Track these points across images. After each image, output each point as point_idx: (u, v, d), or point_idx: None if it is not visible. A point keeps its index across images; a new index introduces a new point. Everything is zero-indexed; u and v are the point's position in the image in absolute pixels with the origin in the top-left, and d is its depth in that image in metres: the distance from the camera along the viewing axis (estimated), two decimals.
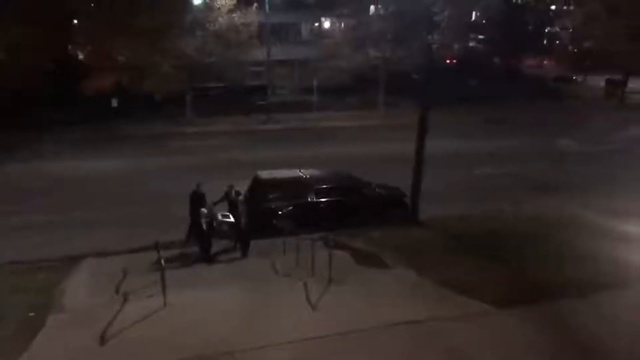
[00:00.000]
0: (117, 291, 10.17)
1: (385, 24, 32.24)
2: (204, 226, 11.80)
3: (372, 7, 37.10)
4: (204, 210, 11.89)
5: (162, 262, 9.47)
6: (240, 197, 12.54)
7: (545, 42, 48.93)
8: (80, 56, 34.37)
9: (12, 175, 19.97)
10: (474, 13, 47.64)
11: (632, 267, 11.11)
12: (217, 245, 12.24)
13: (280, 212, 13.31)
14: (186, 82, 29.80)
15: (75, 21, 32.52)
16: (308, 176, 14.45)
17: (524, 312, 9.32)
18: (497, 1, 41.21)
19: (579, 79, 45.65)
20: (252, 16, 31.15)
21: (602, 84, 41.96)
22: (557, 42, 47.89)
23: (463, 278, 10.47)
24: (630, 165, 19.54)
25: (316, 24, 41.27)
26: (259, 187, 13.92)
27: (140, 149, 24.44)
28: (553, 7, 47.84)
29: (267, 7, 32.27)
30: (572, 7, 44.29)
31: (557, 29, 47.07)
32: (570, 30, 43.37)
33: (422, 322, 8.98)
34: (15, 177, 19.73)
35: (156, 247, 10.22)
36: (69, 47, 33.22)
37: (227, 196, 12.70)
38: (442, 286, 10.25)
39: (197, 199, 12.35)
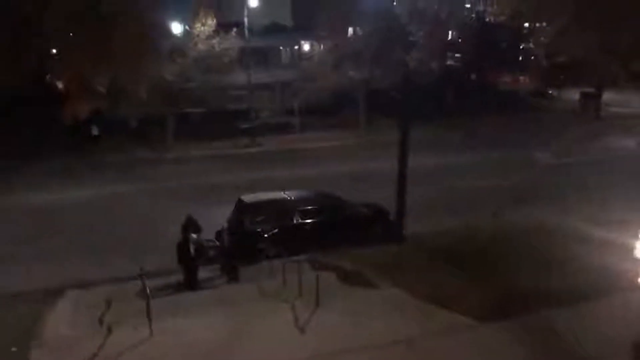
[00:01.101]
0: (100, 322, 10.01)
1: (363, 44, 32.72)
2: (192, 252, 11.72)
3: (350, 29, 37.66)
4: (193, 236, 11.83)
5: (148, 290, 9.36)
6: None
7: (520, 58, 49.95)
8: (60, 85, 34.13)
9: None
10: (450, 32, 48.57)
11: (616, 275, 11.22)
12: (202, 271, 12.13)
13: (265, 235, 13.26)
14: (166, 107, 29.74)
15: (54, 50, 32.38)
16: (292, 198, 14.47)
17: (512, 325, 9.37)
18: (471, 20, 42.14)
19: (554, 93, 46.55)
20: (231, 41, 31.38)
21: (577, 97, 42.84)
22: (532, 57, 48.89)
23: (448, 293, 10.53)
24: (606, 175, 19.94)
25: (296, 47, 41.75)
26: (243, 210, 13.89)
27: (122, 176, 24.16)
28: (526, 25, 48.99)
29: (246, 32, 32.59)
30: (544, 24, 45.33)
31: (531, 45, 48.13)
32: (544, 46, 44.34)
33: (410, 340, 8.99)
34: None
35: (140, 275, 10.11)
36: (47, 76, 33.00)
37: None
38: (428, 303, 10.29)
39: (189, 229, 12.23)
